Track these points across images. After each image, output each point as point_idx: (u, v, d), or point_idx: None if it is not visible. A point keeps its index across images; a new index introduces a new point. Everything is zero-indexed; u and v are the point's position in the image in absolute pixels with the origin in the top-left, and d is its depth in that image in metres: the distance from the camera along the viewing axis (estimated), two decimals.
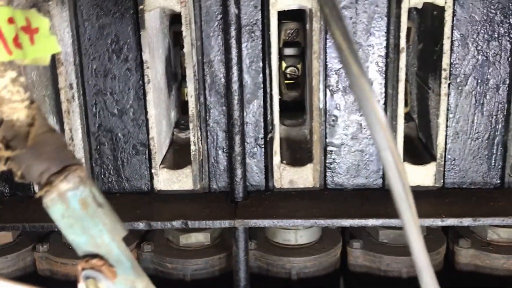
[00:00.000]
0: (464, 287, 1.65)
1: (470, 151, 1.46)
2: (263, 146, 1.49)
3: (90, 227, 0.66)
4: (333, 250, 1.62)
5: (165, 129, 1.56)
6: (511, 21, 1.37)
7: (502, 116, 1.43)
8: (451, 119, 1.44)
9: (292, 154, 1.55)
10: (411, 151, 1.48)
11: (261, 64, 1.44)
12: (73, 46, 1.40)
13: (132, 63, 1.42)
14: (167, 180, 1.48)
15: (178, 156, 1.57)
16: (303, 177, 1.48)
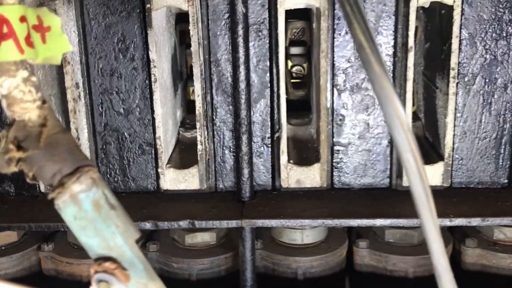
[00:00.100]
0: (470, 287, 1.64)
1: (477, 151, 1.45)
2: (270, 145, 1.48)
3: (102, 229, 0.66)
4: (339, 249, 1.62)
5: (171, 129, 1.55)
6: None
7: (510, 115, 1.43)
8: (459, 118, 1.43)
9: (298, 153, 1.54)
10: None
11: (268, 63, 1.43)
12: (79, 45, 1.39)
13: (138, 62, 1.41)
14: (174, 179, 1.47)
15: (184, 155, 1.56)
16: (310, 177, 1.47)
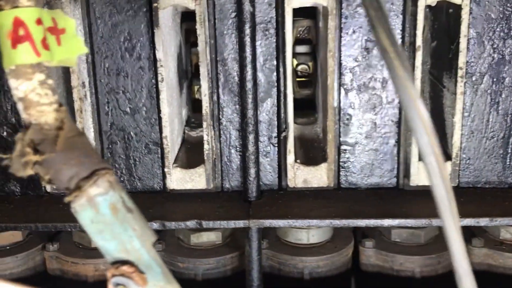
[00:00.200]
0: (478, 286, 1.63)
1: (485, 150, 1.45)
2: (277, 145, 1.48)
3: (120, 232, 0.65)
4: (346, 249, 1.62)
5: (177, 128, 1.54)
6: None
7: None
8: (466, 118, 1.43)
9: (305, 153, 1.54)
10: None
11: (275, 62, 1.42)
12: (85, 44, 1.38)
13: (145, 61, 1.41)
14: (180, 179, 1.47)
15: (190, 155, 1.55)
16: (317, 177, 1.46)
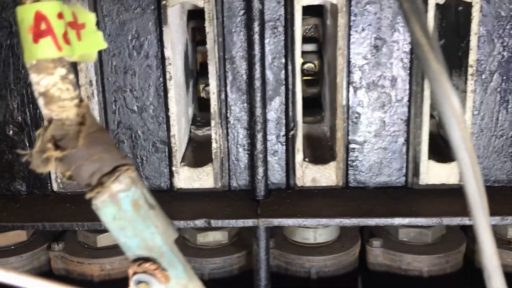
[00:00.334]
0: (485, 286, 1.63)
1: (494, 149, 1.44)
2: (285, 143, 1.47)
3: (142, 229, 0.64)
4: (353, 249, 1.61)
5: (184, 127, 1.53)
6: None
7: None
8: (476, 116, 1.42)
9: (312, 152, 1.53)
10: (434, 148, 1.46)
11: (283, 60, 1.42)
12: None
13: (152, 60, 1.40)
14: (188, 178, 1.46)
15: (197, 153, 1.54)
16: (326, 175, 1.45)
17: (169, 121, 1.42)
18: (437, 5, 1.49)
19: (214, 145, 1.43)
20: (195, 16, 1.56)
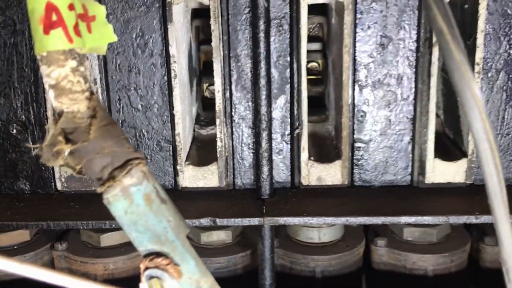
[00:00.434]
0: (490, 285, 1.62)
1: (500, 147, 1.44)
2: (289, 142, 1.46)
3: (154, 224, 0.63)
4: (357, 248, 1.60)
5: (188, 125, 1.53)
6: None
7: None
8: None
9: (317, 150, 1.52)
10: (439, 147, 1.45)
11: (288, 58, 1.41)
12: None
13: (157, 58, 1.39)
14: (193, 177, 1.45)
15: (201, 152, 1.53)
16: (331, 174, 1.45)
17: (174, 120, 1.41)
18: None
19: (219, 144, 1.42)
20: (199, 15, 1.56)
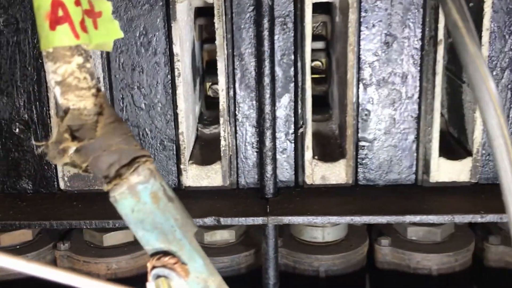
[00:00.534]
0: (494, 284, 1.62)
1: None
2: (293, 141, 1.45)
3: (161, 222, 0.62)
4: (361, 247, 1.60)
5: (192, 124, 1.52)
6: None
7: None
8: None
9: (321, 149, 1.51)
10: (444, 146, 1.44)
11: (292, 57, 1.40)
12: None
13: (161, 56, 1.38)
14: (196, 176, 1.44)
15: (204, 152, 1.53)
16: (336, 173, 1.44)
17: (178, 119, 1.41)
18: None
19: (222, 143, 1.42)
20: (202, 13, 1.55)
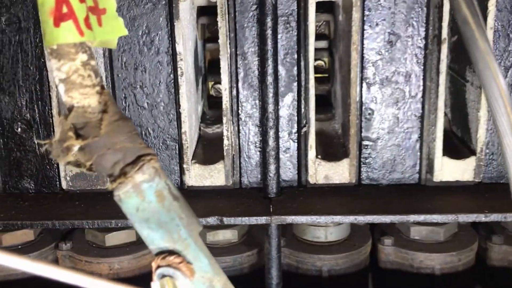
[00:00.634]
0: (498, 283, 1.62)
1: None
2: (296, 140, 1.45)
3: (166, 221, 0.62)
4: (364, 247, 1.59)
5: (194, 124, 1.51)
6: None
7: None
8: (490, 112, 1.40)
9: (324, 149, 1.51)
10: (448, 145, 1.44)
11: (295, 56, 1.40)
12: None
13: (163, 56, 1.38)
14: (199, 175, 1.44)
15: (207, 151, 1.52)
16: (339, 172, 1.43)
17: (180, 118, 1.40)
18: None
19: (225, 142, 1.41)
20: (204, 12, 1.54)
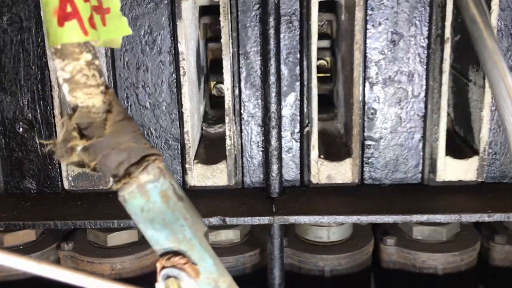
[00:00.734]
0: (500, 283, 1.61)
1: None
2: (299, 140, 1.45)
3: (171, 221, 0.62)
4: (366, 247, 1.59)
5: (196, 124, 1.51)
6: None
7: None
8: (493, 111, 1.40)
9: (327, 149, 1.50)
10: (450, 145, 1.43)
11: (298, 55, 1.39)
12: None
13: (165, 55, 1.38)
14: (201, 175, 1.43)
15: (209, 151, 1.52)
16: (342, 172, 1.43)
17: (182, 118, 1.40)
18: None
19: (228, 142, 1.41)
20: (207, 12, 1.54)
